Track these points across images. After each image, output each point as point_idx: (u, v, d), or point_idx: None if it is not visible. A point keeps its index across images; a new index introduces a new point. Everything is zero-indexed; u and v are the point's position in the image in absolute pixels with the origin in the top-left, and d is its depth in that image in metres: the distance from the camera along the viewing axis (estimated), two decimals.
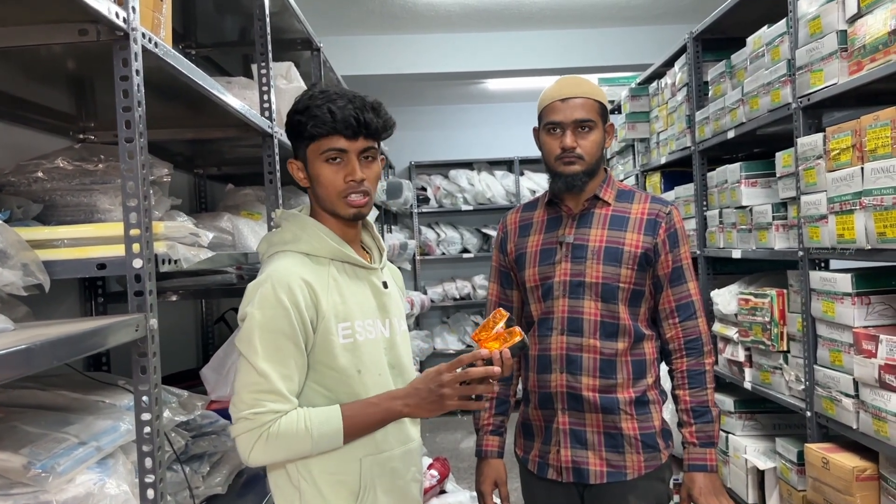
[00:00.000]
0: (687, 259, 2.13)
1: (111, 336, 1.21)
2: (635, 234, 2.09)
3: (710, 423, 2.07)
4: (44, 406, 1.59)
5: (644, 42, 6.00)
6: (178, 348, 3.09)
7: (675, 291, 2.11)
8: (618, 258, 2.06)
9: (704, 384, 2.09)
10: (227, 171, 3.33)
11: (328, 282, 1.61)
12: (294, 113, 1.64)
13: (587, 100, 2.07)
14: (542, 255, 2.14)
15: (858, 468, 2.27)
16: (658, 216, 2.11)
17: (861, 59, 2.21)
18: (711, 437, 2.07)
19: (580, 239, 2.10)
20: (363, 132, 1.61)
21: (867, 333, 2.19)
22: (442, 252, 7.85)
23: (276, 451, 1.53)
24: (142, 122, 1.36)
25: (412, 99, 7.80)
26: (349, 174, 1.61)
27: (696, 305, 2.12)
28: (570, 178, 2.08)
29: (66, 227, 1.43)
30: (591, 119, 2.06)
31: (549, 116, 2.08)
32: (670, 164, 4.11)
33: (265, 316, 1.53)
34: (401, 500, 1.68)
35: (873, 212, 2.08)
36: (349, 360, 1.60)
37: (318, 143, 1.61)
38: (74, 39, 1.35)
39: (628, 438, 2.07)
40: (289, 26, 3.00)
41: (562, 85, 2.11)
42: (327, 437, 1.54)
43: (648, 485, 2.10)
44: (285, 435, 1.51)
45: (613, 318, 2.07)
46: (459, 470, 5.54)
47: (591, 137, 2.08)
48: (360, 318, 1.63)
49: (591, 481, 2.08)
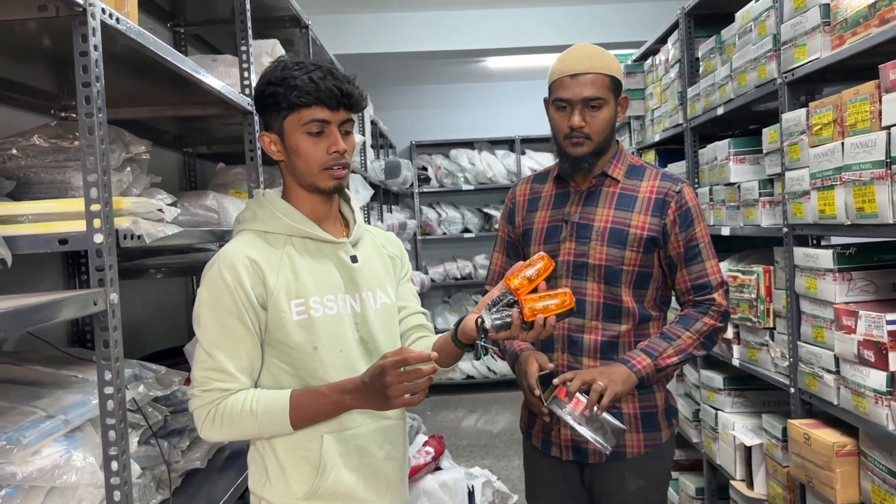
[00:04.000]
0: (703, 237, 2.07)
1: (66, 308, 1.22)
2: (642, 216, 2.04)
3: (669, 343, 2.01)
4: (16, 381, 1.61)
5: (642, 18, 5.95)
6: (167, 326, 3.11)
7: (692, 271, 2.06)
8: (622, 240, 2.02)
9: (689, 326, 2.03)
10: (217, 150, 3.33)
11: (280, 259, 1.61)
12: (268, 84, 1.60)
13: (598, 75, 2.00)
14: (548, 232, 2.11)
15: (839, 444, 2.27)
16: (667, 195, 2.05)
17: (843, 32, 2.19)
18: (658, 353, 2.00)
19: (585, 218, 2.07)
20: (344, 103, 1.59)
21: (847, 309, 2.19)
22: (443, 232, 7.85)
23: (224, 429, 1.55)
24: (101, 98, 1.37)
25: (412, 78, 7.78)
26: (332, 145, 1.59)
27: (714, 283, 2.06)
28: (577, 159, 2.04)
29: (29, 203, 1.44)
30: (601, 96, 2.00)
31: (558, 92, 2.03)
32: (665, 142, 4.09)
33: (210, 295, 1.56)
34: (371, 479, 1.67)
35: (853, 187, 2.07)
36: (303, 336, 1.59)
37: (298, 113, 1.58)
38: (34, 15, 1.35)
39: (628, 417, 2.06)
40: (276, 3, 2.99)
41: (572, 57, 2.04)
42: (273, 422, 1.55)
43: (647, 463, 2.09)
44: (231, 414, 1.54)
45: (616, 301, 2.04)
46: (459, 447, 5.58)
47: (601, 115, 2.01)
48: (316, 294, 1.62)
49: (589, 460, 2.08)
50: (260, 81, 1.63)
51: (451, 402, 7.02)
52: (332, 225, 1.72)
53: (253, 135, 2.37)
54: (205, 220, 2.40)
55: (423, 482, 3.87)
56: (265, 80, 1.62)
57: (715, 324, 2.06)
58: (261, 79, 1.64)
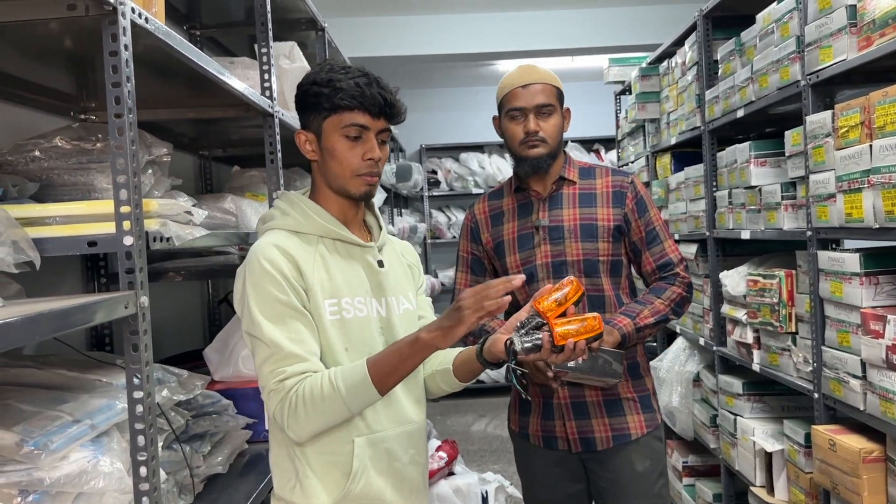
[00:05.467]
0: (658, 220, 2.25)
1: (99, 312, 1.21)
2: (605, 209, 2.21)
3: (643, 307, 2.15)
4: (40, 385, 1.59)
5: (655, 21, 5.93)
6: (185, 329, 3.10)
7: (654, 252, 2.24)
8: (594, 234, 2.18)
9: (660, 294, 2.18)
10: (232, 152, 3.33)
11: (314, 258, 1.61)
12: (313, 84, 1.61)
13: (546, 85, 2.19)
14: (520, 240, 2.23)
15: (865, 450, 2.24)
16: (622, 187, 2.24)
17: (870, 34, 2.16)
18: (637, 313, 2.14)
19: (555, 220, 2.21)
20: (386, 112, 1.61)
21: (875, 314, 2.16)
22: (453, 235, 7.83)
23: (311, 417, 1.50)
24: (131, 99, 1.35)
25: (422, 81, 7.77)
26: (368, 152, 1.61)
27: (675, 259, 2.24)
28: (536, 160, 2.18)
29: (57, 205, 1.43)
30: (550, 103, 2.18)
31: (511, 103, 2.20)
32: (680, 145, 4.06)
33: (257, 290, 1.54)
34: (398, 483, 1.66)
35: (881, 190, 2.04)
36: (337, 336, 1.59)
37: (339, 115, 1.59)
38: (63, 15, 1.33)
39: (627, 401, 2.21)
40: (293, 6, 2.98)
41: (521, 72, 2.23)
42: (357, 389, 1.49)
43: (649, 443, 2.22)
44: (313, 399, 1.49)
45: (598, 291, 2.19)
46: (470, 452, 5.55)
47: (552, 121, 2.19)
48: (348, 295, 1.62)
49: (598, 448, 2.18)
50: (304, 80, 1.65)
51: (460, 406, 7.00)
52: (357, 229, 1.73)
53: (274, 137, 2.36)
54: (223, 223, 2.39)
55: (436, 487, 3.85)
56: (310, 79, 1.63)
57: (682, 292, 2.23)
58: (305, 77, 1.65)
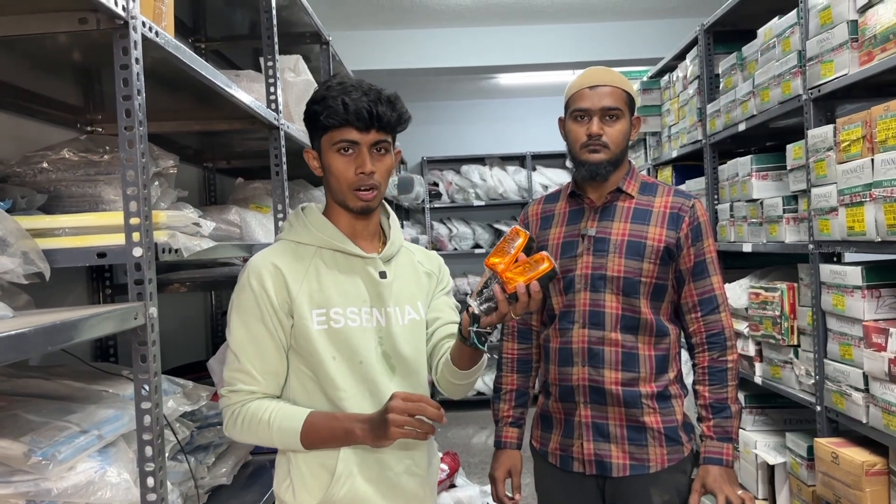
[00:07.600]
0: (711, 253, 2.10)
1: (108, 323, 1.21)
2: (658, 228, 2.07)
3: (728, 418, 2.05)
4: (47, 395, 1.59)
5: (656, 35, 5.96)
6: (188, 340, 3.10)
7: (699, 285, 2.08)
8: (640, 252, 2.05)
9: (725, 381, 2.06)
10: (236, 164, 3.34)
11: (307, 269, 1.67)
12: (312, 103, 1.68)
13: (615, 88, 2.07)
14: (563, 247, 2.13)
15: (868, 463, 2.25)
16: (681, 210, 2.08)
17: (871, 49, 2.18)
18: (729, 433, 2.04)
19: (602, 232, 2.09)
20: (375, 125, 1.62)
21: (877, 326, 2.17)
22: (454, 248, 7.83)
23: (244, 433, 1.63)
24: (142, 111, 1.36)
25: (424, 94, 7.79)
26: (359, 166, 1.63)
27: (720, 300, 2.09)
28: (595, 166, 2.07)
29: (66, 216, 1.44)
30: (618, 107, 2.06)
31: (577, 103, 2.08)
32: (682, 158, 4.08)
33: (239, 301, 1.64)
34: (389, 492, 1.69)
35: (883, 203, 2.06)
36: (324, 345, 1.63)
37: (330, 133, 1.64)
38: (75, 28, 1.35)
39: (651, 432, 2.06)
40: (297, 20, 3.00)
41: (591, 73, 2.12)
42: (286, 436, 1.60)
43: (670, 477, 2.09)
44: (251, 421, 1.61)
45: (634, 313, 2.05)
46: (471, 465, 5.53)
47: (618, 126, 2.07)
48: (339, 305, 1.65)
49: (613, 474, 2.07)
50: (310, 98, 1.70)
51: (461, 418, 6.98)
52: (368, 241, 1.75)
53: (279, 149, 2.37)
54: (227, 235, 2.40)
55: (438, 499, 3.85)
56: (312, 98, 1.68)
57: (736, 356, 2.10)
58: (311, 95, 1.70)
